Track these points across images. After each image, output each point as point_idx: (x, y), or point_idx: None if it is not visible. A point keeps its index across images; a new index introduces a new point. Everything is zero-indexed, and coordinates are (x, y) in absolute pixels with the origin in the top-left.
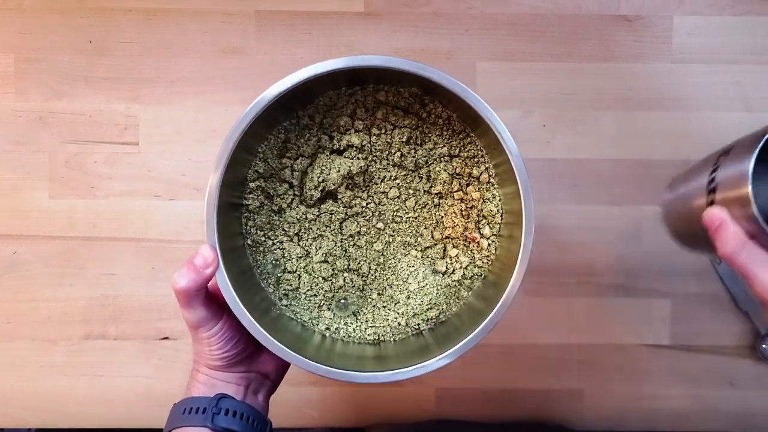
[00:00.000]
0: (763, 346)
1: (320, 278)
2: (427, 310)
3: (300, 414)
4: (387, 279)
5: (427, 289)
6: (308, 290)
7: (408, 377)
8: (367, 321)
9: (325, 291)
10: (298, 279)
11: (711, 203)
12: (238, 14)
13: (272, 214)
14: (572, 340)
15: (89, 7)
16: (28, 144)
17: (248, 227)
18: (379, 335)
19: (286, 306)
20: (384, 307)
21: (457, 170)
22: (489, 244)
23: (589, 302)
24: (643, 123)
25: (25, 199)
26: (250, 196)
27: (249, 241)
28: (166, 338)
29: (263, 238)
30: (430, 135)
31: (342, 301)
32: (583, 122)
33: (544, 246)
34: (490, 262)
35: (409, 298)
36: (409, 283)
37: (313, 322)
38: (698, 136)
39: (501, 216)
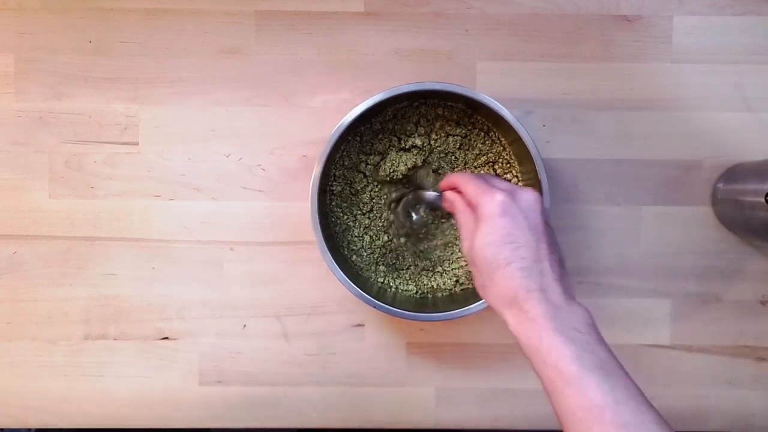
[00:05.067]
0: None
1: (378, 241)
2: (455, 281)
3: (300, 414)
4: (430, 251)
5: (459, 261)
6: (368, 249)
7: (444, 319)
8: (408, 280)
9: (380, 251)
10: (362, 241)
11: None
12: (238, 14)
13: (350, 196)
14: None
15: (89, 7)
16: (28, 144)
17: (332, 205)
18: (419, 291)
19: (353, 261)
20: (426, 270)
21: (497, 173)
22: None
23: (589, 302)
24: (643, 123)
25: (25, 199)
26: (335, 182)
27: (333, 217)
28: (166, 338)
29: (341, 213)
30: (476, 143)
31: (392, 262)
32: (583, 122)
33: None
34: None
35: (449, 266)
36: (447, 255)
37: (372, 275)
38: (698, 136)
39: None
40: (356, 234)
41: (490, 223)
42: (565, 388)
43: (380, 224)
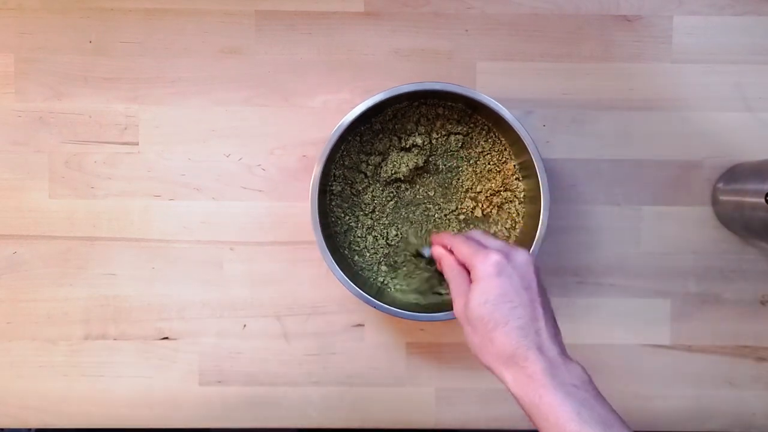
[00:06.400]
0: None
1: (382, 240)
2: None
3: (300, 414)
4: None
5: None
6: (371, 249)
7: (444, 319)
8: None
9: (383, 251)
10: (365, 241)
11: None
12: (238, 14)
13: (351, 196)
14: (572, 340)
15: (89, 7)
16: (28, 144)
17: (332, 206)
18: (418, 291)
19: (355, 261)
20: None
21: (499, 171)
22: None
23: (589, 302)
24: (643, 123)
25: (25, 199)
26: (335, 182)
27: (333, 217)
28: (166, 338)
29: (342, 214)
30: (478, 140)
31: (394, 262)
32: (583, 122)
33: (544, 246)
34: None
35: None
36: None
37: (373, 275)
38: (698, 136)
39: (521, 219)
40: (359, 234)
41: (486, 283)
42: None
43: (385, 222)
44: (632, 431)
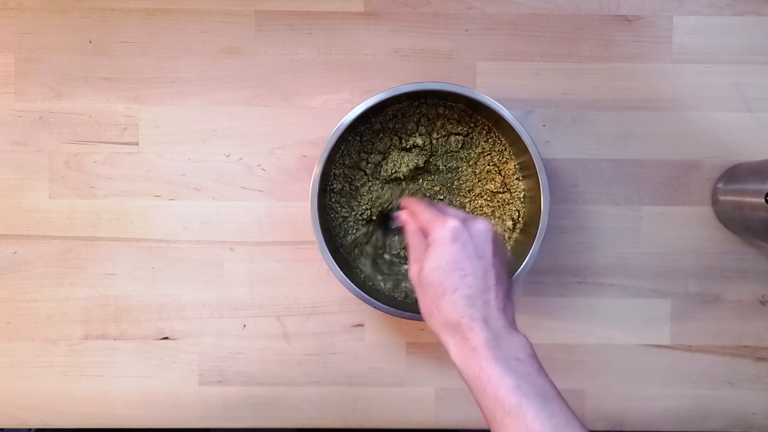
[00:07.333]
0: None
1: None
2: None
3: (300, 414)
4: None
5: None
6: (354, 230)
7: None
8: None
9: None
10: (346, 223)
11: None
12: (238, 14)
13: (350, 192)
14: (572, 340)
15: (89, 7)
16: (28, 144)
17: (332, 203)
18: (409, 288)
19: (343, 245)
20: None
21: (499, 172)
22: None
23: (589, 302)
24: (643, 123)
25: (25, 199)
26: (335, 181)
27: (333, 214)
28: (166, 338)
29: (340, 208)
30: (478, 141)
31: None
32: (583, 122)
33: (544, 246)
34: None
35: None
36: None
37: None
38: (698, 136)
39: (521, 219)
40: (350, 223)
41: (440, 249)
42: (505, 417)
43: (377, 211)
44: (570, 408)
